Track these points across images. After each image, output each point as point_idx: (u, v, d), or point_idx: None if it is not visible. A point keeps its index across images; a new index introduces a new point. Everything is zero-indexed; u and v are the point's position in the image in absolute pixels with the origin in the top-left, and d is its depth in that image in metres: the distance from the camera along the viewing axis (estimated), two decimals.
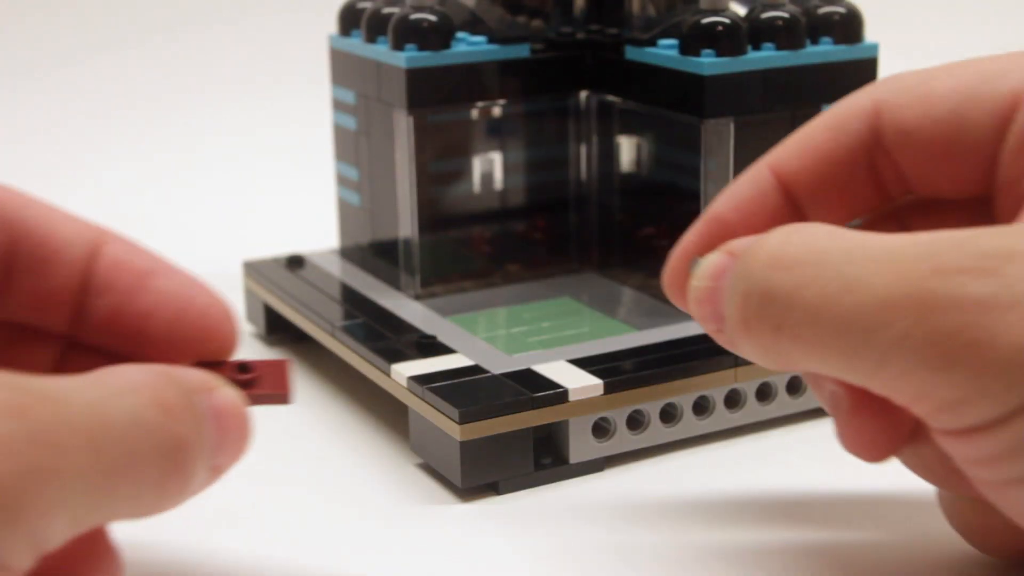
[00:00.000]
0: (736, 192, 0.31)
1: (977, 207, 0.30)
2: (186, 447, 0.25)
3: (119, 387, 0.24)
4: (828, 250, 0.26)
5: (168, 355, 0.28)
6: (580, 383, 0.36)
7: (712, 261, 0.29)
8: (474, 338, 0.40)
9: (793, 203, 0.31)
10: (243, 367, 0.29)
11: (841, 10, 0.42)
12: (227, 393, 0.26)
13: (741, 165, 0.37)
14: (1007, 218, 0.28)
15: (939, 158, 0.29)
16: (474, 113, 0.45)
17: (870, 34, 0.43)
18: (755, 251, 0.27)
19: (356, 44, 0.46)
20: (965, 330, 0.23)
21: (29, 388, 0.23)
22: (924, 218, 0.31)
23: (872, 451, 0.28)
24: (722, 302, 0.28)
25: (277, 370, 0.29)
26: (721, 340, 0.29)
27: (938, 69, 0.30)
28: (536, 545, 0.33)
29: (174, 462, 0.24)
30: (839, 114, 0.30)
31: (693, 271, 0.30)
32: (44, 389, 0.23)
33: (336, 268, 0.48)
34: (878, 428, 0.28)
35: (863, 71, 0.42)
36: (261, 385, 0.29)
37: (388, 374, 0.38)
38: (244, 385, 0.29)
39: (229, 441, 0.26)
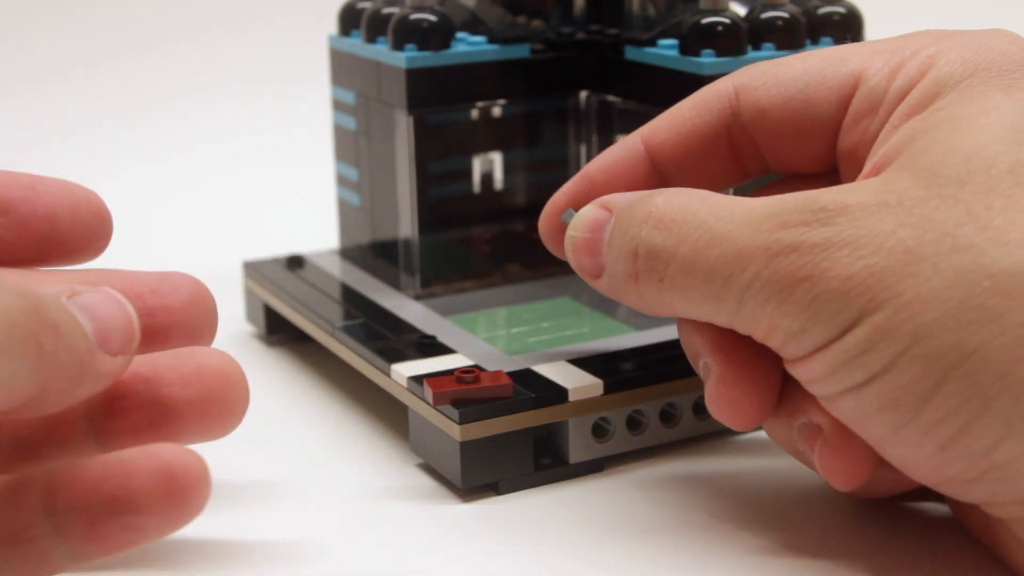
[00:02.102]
0: (609, 156, 0.36)
1: (831, 180, 0.33)
2: (58, 333, 0.25)
3: None
4: (700, 211, 0.30)
5: (72, 244, 0.33)
6: (580, 383, 0.36)
7: (590, 214, 0.33)
8: (474, 338, 0.40)
9: (659, 171, 0.35)
10: (467, 371, 0.35)
11: (841, 10, 0.42)
12: (97, 290, 0.27)
13: None
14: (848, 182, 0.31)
15: (791, 134, 0.33)
16: (474, 113, 0.45)
17: (870, 34, 0.43)
18: (639, 212, 0.31)
19: (356, 44, 0.46)
20: (802, 268, 0.28)
21: None
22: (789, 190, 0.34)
23: (738, 418, 0.31)
24: (601, 253, 0.33)
25: (495, 373, 0.35)
26: (598, 286, 0.33)
27: (793, 56, 0.34)
28: (536, 545, 0.33)
29: (40, 351, 0.24)
30: (704, 95, 0.34)
31: (568, 221, 0.34)
32: None
33: (336, 268, 0.48)
34: (743, 396, 0.31)
35: None
36: (483, 381, 0.35)
37: (388, 374, 0.38)
38: (469, 383, 0.35)
39: (113, 325, 0.27)
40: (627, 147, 0.35)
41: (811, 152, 0.34)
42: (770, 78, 0.33)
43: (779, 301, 0.28)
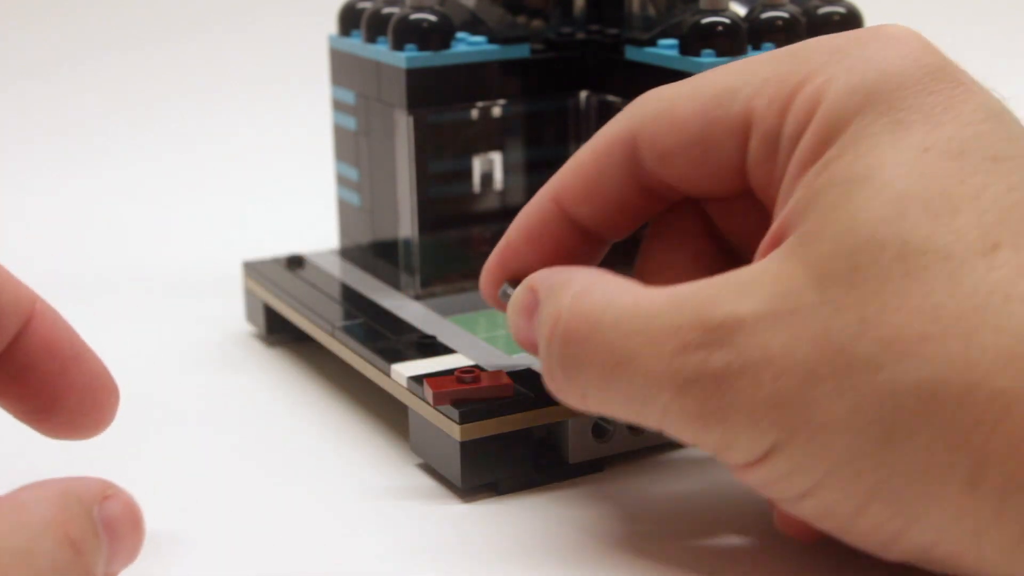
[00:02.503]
0: (526, 219, 0.35)
1: (748, 202, 0.32)
2: (90, 571, 0.26)
3: (34, 527, 0.25)
4: (603, 322, 0.29)
5: (70, 417, 0.33)
6: None
7: (520, 299, 0.33)
8: (474, 338, 0.40)
9: (577, 226, 0.34)
10: (467, 371, 0.35)
11: (841, 10, 0.42)
12: (121, 500, 0.28)
13: None
14: (770, 216, 0.31)
15: (696, 174, 0.32)
16: (474, 113, 0.45)
17: None
18: (550, 313, 0.31)
19: (356, 44, 0.46)
20: (709, 401, 0.28)
21: None
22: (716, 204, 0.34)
23: (806, 535, 0.30)
24: (535, 339, 0.32)
25: (496, 373, 0.35)
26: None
27: (682, 90, 0.32)
28: (536, 545, 0.33)
29: None
30: (603, 143, 0.33)
31: (504, 300, 0.34)
32: None
33: (336, 268, 0.48)
34: None
35: None
36: (483, 381, 0.35)
37: (388, 374, 0.38)
38: (469, 383, 0.35)
39: (122, 548, 0.28)
40: (540, 208, 0.34)
41: (722, 186, 0.32)
42: (665, 123, 0.32)
43: (695, 429, 0.28)
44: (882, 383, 0.26)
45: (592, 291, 0.30)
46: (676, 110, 0.32)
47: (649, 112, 0.32)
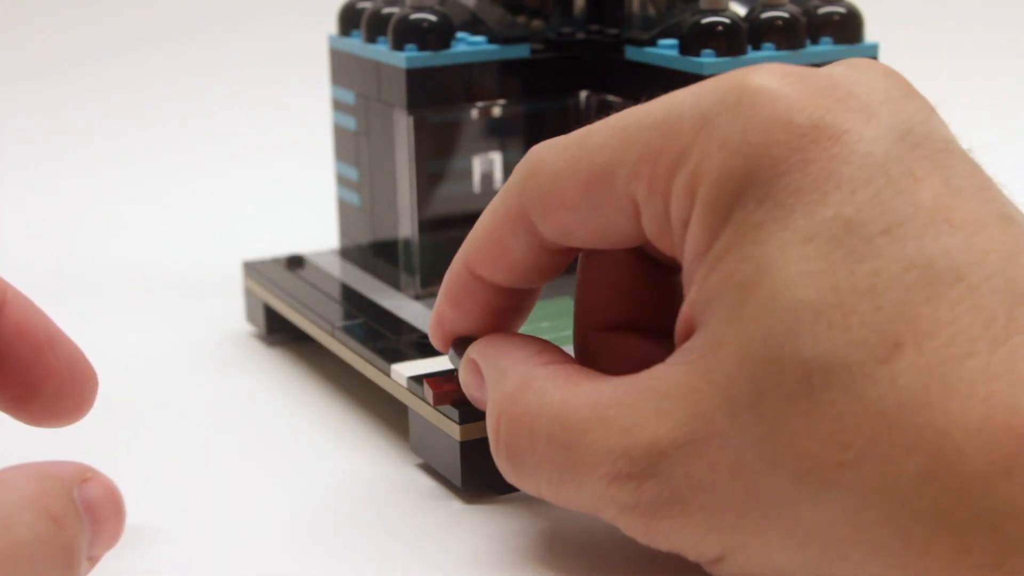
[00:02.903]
0: (446, 288, 0.34)
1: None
2: (74, 549, 0.26)
3: (13, 502, 0.26)
4: (538, 434, 0.30)
5: (48, 403, 0.33)
6: None
7: (466, 374, 0.33)
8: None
9: (496, 287, 0.33)
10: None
11: (841, 10, 0.42)
12: (101, 482, 0.28)
13: None
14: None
15: (599, 241, 0.31)
16: (474, 113, 0.45)
17: (870, 34, 0.43)
18: (494, 418, 0.31)
19: (356, 44, 0.46)
20: (650, 526, 0.28)
21: None
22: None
23: None
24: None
25: None
26: None
27: (563, 162, 0.30)
28: (536, 545, 0.33)
29: (67, 565, 0.26)
30: (497, 216, 0.32)
31: (455, 364, 0.34)
32: None
33: (336, 268, 0.48)
34: None
35: None
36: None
37: (388, 374, 0.38)
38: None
39: (105, 531, 0.28)
40: (457, 275, 0.33)
41: (629, 243, 0.31)
42: (553, 202, 0.30)
43: (646, 540, 0.29)
44: (805, 513, 0.26)
45: (526, 391, 0.30)
46: (562, 189, 0.30)
47: (537, 190, 0.31)
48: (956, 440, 0.24)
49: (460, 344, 0.34)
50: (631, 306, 0.33)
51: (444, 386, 0.35)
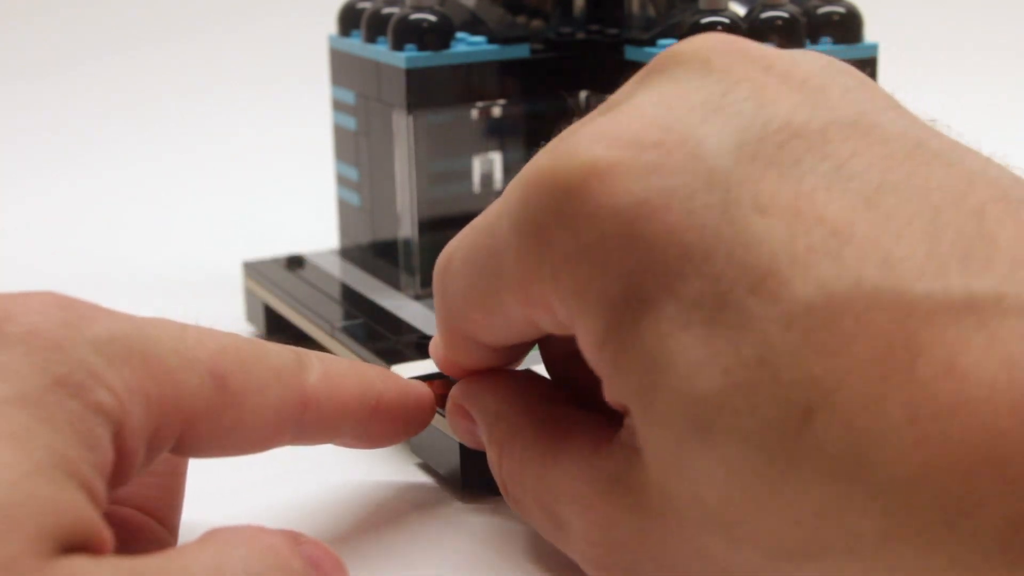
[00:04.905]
0: (443, 345, 0.33)
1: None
2: None
3: (270, 563, 0.25)
4: (525, 496, 0.30)
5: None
6: None
7: (454, 418, 0.33)
8: None
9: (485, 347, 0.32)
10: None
11: (841, 10, 0.42)
12: (314, 543, 0.27)
13: None
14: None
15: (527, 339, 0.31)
16: (474, 113, 0.45)
17: (870, 34, 0.43)
18: (494, 467, 0.31)
19: (356, 44, 0.46)
20: None
21: (145, 570, 0.23)
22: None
23: None
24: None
25: None
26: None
27: (465, 285, 0.30)
28: (536, 545, 0.33)
29: None
30: (448, 329, 0.32)
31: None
32: (160, 568, 0.23)
33: (336, 268, 0.48)
34: None
35: (863, 71, 0.42)
36: None
37: None
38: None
39: None
40: (452, 337, 0.32)
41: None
42: (468, 324, 0.31)
43: None
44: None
45: (512, 452, 0.30)
46: (468, 313, 0.30)
47: (451, 310, 0.31)
48: (903, 474, 0.22)
49: (439, 385, 0.34)
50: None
51: (444, 387, 0.35)
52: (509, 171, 0.46)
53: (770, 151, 0.25)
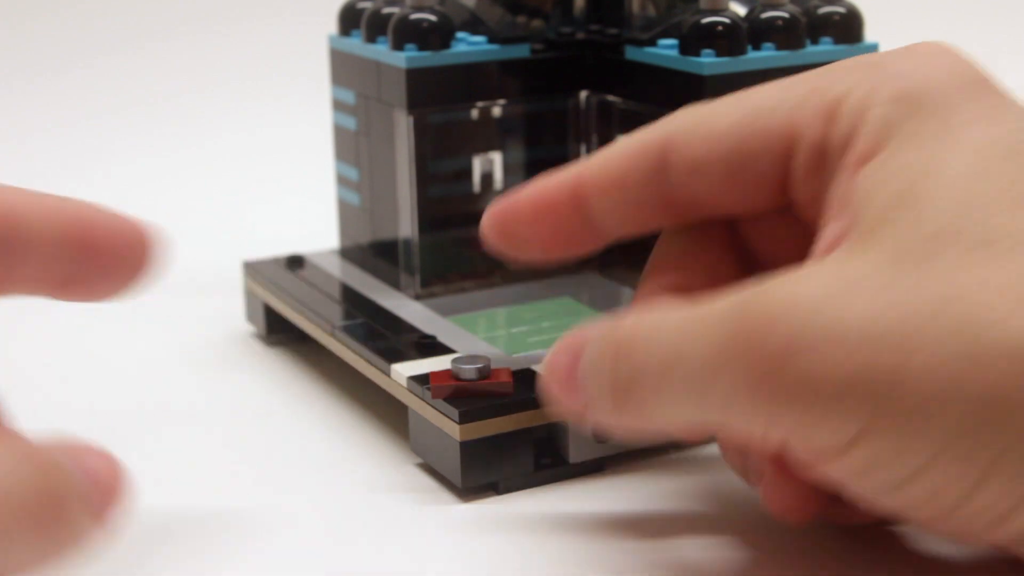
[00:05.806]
0: (535, 193, 0.34)
1: (775, 221, 0.33)
2: (62, 496, 0.25)
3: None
4: (661, 330, 0.28)
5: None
6: None
7: (556, 361, 0.31)
8: (474, 338, 0.40)
9: (585, 213, 0.33)
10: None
11: (841, 10, 0.42)
12: (95, 447, 0.27)
13: None
14: (814, 230, 0.30)
15: (727, 188, 0.32)
16: (474, 113, 0.45)
17: (870, 34, 0.43)
18: (607, 345, 0.29)
19: (356, 44, 0.46)
20: (776, 382, 0.25)
21: None
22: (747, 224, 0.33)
23: (795, 515, 0.30)
24: (578, 383, 0.30)
25: (497, 371, 0.36)
26: (579, 418, 0.31)
27: (721, 104, 0.32)
28: (536, 545, 0.33)
29: (55, 513, 0.25)
30: (632, 146, 0.33)
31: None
32: None
33: (336, 268, 0.48)
34: (799, 495, 0.30)
35: None
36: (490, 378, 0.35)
37: (388, 374, 0.38)
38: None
39: (105, 484, 0.27)
40: (557, 186, 0.33)
41: (751, 201, 0.32)
42: (700, 133, 0.31)
43: (765, 416, 0.26)
44: (981, 353, 0.24)
45: (646, 314, 0.29)
46: (713, 122, 0.32)
47: (685, 122, 0.32)
48: None
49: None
50: (701, 281, 0.33)
51: (445, 380, 0.35)
52: (509, 171, 0.46)
53: None
